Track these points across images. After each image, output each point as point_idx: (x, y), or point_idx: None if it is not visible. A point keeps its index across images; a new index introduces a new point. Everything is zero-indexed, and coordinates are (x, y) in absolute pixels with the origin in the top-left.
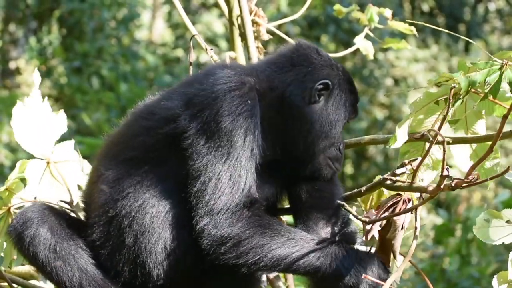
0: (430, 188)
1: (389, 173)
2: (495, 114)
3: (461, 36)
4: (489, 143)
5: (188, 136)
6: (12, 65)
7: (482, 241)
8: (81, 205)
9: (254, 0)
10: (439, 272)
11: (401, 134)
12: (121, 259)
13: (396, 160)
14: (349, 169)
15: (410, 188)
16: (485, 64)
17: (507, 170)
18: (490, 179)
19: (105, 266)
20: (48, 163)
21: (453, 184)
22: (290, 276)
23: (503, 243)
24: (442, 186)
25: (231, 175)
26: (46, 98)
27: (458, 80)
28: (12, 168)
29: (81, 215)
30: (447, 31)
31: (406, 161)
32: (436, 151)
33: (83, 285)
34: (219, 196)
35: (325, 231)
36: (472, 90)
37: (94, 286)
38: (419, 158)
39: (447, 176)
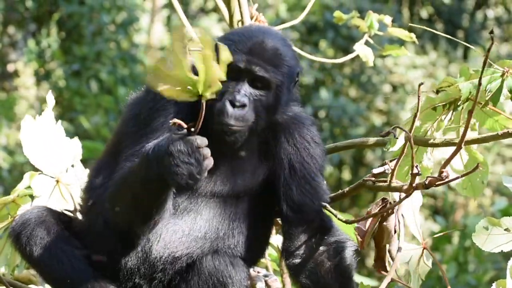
0: (405, 187)
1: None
2: (485, 126)
3: (461, 42)
4: (479, 154)
5: None
6: (10, 67)
7: (479, 248)
8: (78, 208)
9: (255, 5)
10: (436, 279)
11: (401, 138)
12: (99, 248)
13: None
14: (346, 174)
15: (389, 188)
16: (486, 71)
17: (476, 167)
18: (462, 176)
19: (90, 258)
20: (57, 181)
21: (426, 182)
22: (287, 282)
23: (502, 251)
24: (415, 185)
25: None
26: (59, 121)
27: (460, 86)
28: (10, 170)
29: None
30: (446, 35)
31: (387, 161)
32: (425, 159)
33: (75, 284)
34: None
35: (311, 242)
36: (471, 97)
37: (87, 285)
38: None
39: (418, 174)
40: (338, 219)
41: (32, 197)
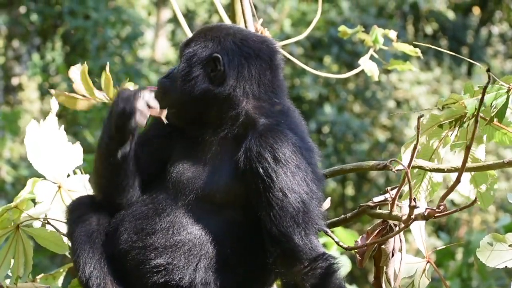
0: (404, 218)
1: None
2: (494, 140)
3: (466, 58)
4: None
5: None
6: (14, 81)
7: (483, 264)
8: None
9: (260, 20)
10: None
11: (407, 157)
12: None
13: (397, 182)
14: (350, 190)
15: (389, 216)
16: (492, 87)
17: (474, 202)
18: (460, 209)
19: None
20: (59, 187)
21: (425, 214)
22: None
23: (506, 267)
24: (414, 216)
25: None
26: (62, 126)
27: (465, 102)
28: (14, 184)
29: None
30: (451, 52)
31: (388, 188)
32: (435, 174)
33: (91, 276)
34: None
35: (296, 271)
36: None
37: (99, 282)
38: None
39: (415, 207)
40: (339, 245)
41: (34, 201)
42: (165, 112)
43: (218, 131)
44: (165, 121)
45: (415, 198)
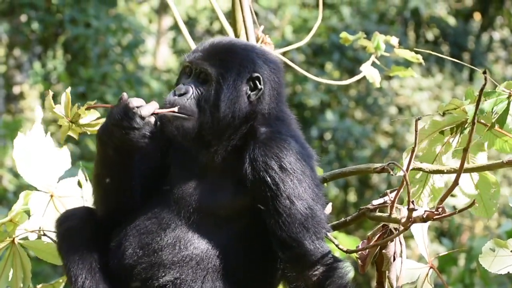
0: (403, 220)
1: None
2: (495, 147)
3: (467, 64)
4: (490, 175)
5: None
6: (16, 89)
7: (485, 270)
8: None
9: (261, 27)
10: None
11: (408, 162)
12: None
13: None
14: (352, 197)
15: (389, 219)
16: (493, 93)
17: (473, 203)
18: (459, 211)
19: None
20: (51, 196)
21: (424, 216)
22: None
23: (508, 272)
24: (413, 219)
25: None
26: (49, 133)
27: (466, 108)
28: (16, 193)
29: None
30: (453, 59)
31: (388, 191)
32: (437, 180)
33: (84, 286)
34: None
35: (304, 276)
36: (480, 121)
37: None
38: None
39: (414, 209)
40: (339, 248)
41: (29, 214)
42: (176, 108)
43: (222, 144)
44: (178, 114)
45: (413, 201)
